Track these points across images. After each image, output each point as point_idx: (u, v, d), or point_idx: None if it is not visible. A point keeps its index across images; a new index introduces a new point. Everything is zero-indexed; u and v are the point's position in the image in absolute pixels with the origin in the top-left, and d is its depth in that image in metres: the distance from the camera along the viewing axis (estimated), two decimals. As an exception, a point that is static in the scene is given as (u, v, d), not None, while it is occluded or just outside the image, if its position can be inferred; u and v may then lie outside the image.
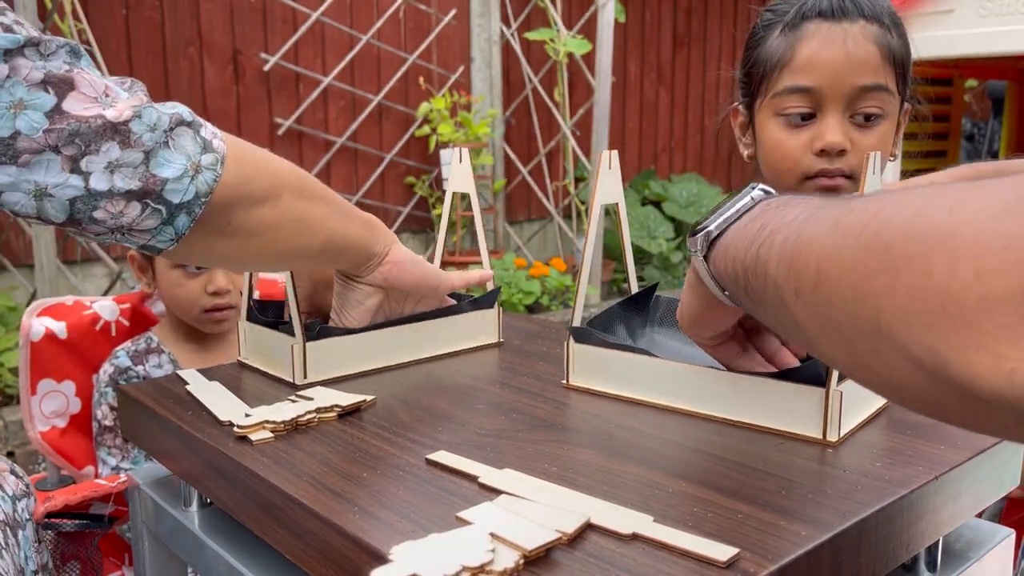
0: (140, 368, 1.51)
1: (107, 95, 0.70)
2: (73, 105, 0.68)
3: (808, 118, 1.10)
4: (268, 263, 0.88)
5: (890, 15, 1.11)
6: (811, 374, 0.75)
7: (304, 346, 0.93)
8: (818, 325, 0.49)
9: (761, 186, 0.66)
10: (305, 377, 0.93)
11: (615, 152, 0.91)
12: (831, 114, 1.08)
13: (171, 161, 0.71)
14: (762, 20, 1.16)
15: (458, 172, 1.13)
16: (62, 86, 0.68)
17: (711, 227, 0.65)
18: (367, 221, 0.94)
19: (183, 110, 0.74)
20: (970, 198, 0.40)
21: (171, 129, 0.72)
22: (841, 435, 0.74)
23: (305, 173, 0.87)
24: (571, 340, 0.90)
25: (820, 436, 0.74)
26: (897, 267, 0.42)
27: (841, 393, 0.73)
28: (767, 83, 1.12)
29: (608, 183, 0.91)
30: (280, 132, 4.17)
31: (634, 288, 0.98)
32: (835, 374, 0.73)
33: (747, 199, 0.65)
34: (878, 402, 0.81)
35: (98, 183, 0.69)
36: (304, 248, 0.86)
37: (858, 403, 0.76)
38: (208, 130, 0.75)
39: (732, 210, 0.65)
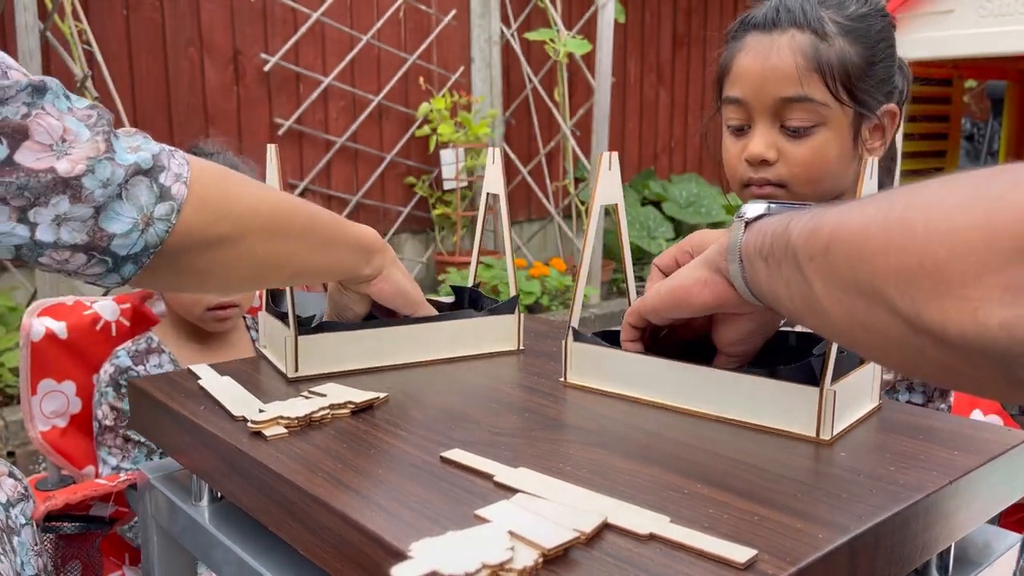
0: (140, 368, 1.51)
1: (64, 140, 0.67)
2: (25, 156, 0.65)
3: (746, 127, 1.14)
4: (226, 292, 0.88)
5: (839, 23, 1.10)
6: (805, 374, 0.75)
7: (296, 339, 0.93)
8: (824, 285, 0.56)
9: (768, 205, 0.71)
10: (296, 370, 0.93)
11: (615, 153, 0.91)
12: (758, 125, 1.12)
13: (121, 215, 0.69)
14: (730, 29, 1.18)
15: (491, 173, 1.09)
16: (15, 136, 0.65)
17: (762, 209, 0.70)
18: (359, 245, 0.92)
19: (142, 157, 0.71)
20: (957, 180, 0.48)
21: (126, 181, 0.69)
22: (834, 434, 0.75)
23: (284, 206, 0.83)
24: (569, 338, 0.91)
25: (814, 435, 0.75)
26: (891, 229, 0.49)
27: (835, 392, 0.74)
28: (718, 92, 1.18)
29: (608, 184, 0.91)
30: (280, 132, 4.17)
31: (632, 289, 0.98)
32: (828, 374, 0.73)
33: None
34: (869, 404, 0.82)
35: (44, 235, 0.67)
36: (265, 281, 0.86)
37: (850, 404, 0.78)
38: (170, 174, 0.72)
39: (788, 204, 0.70)
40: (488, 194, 1.11)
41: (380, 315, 1.02)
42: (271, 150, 0.97)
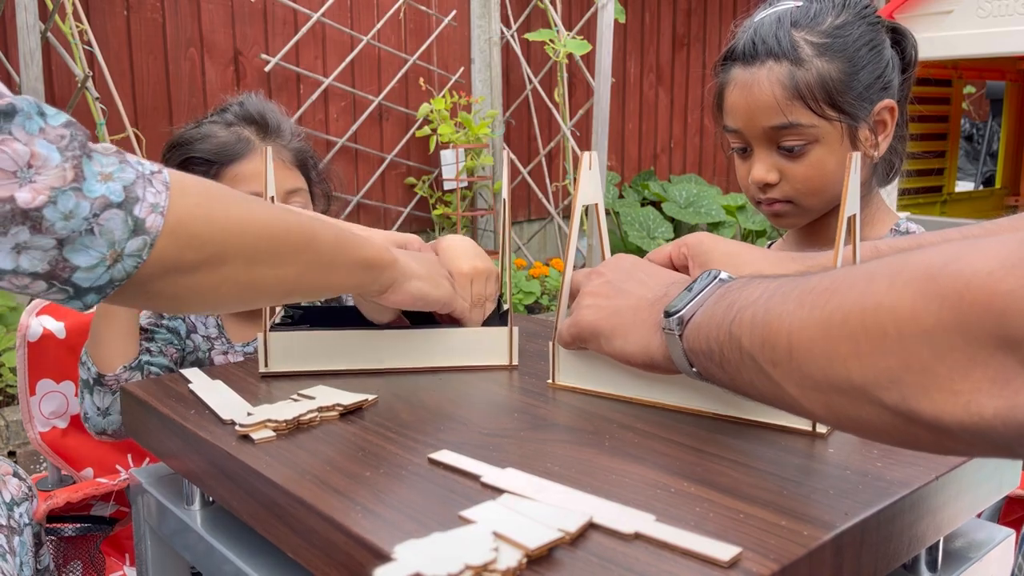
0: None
1: (31, 166, 0.64)
2: None
3: (748, 148, 1.19)
4: (208, 313, 0.84)
5: (814, 43, 1.13)
6: None
7: (267, 335, 0.95)
8: (797, 388, 0.56)
9: (723, 273, 0.71)
10: (267, 366, 0.95)
11: (594, 153, 0.91)
12: (758, 150, 1.18)
13: (89, 248, 0.66)
14: (717, 61, 1.22)
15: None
16: None
17: (683, 310, 0.69)
18: (363, 265, 0.86)
19: (113, 189, 0.66)
20: (905, 269, 0.49)
21: (95, 216, 0.65)
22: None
23: (276, 227, 0.78)
24: (556, 339, 0.90)
25: (809, 428, 0.75)
26: (856, 335, 0.50)
27: None
28: (719, 117, 1.23)
29: (588, 184, 0.91)
30: (280, 132, 4.17)
31: None
32: None
33: (715, 282, 0.70)
34: None
35: (3, 262, 0.64)
36: (251, 304, 0.81)
37: None
38: (145, 205, 0.67)
39: (701, 294, 0.69)
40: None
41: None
42: (268, 152, 0.97)
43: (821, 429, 0.75)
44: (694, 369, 0.69)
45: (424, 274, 0.94)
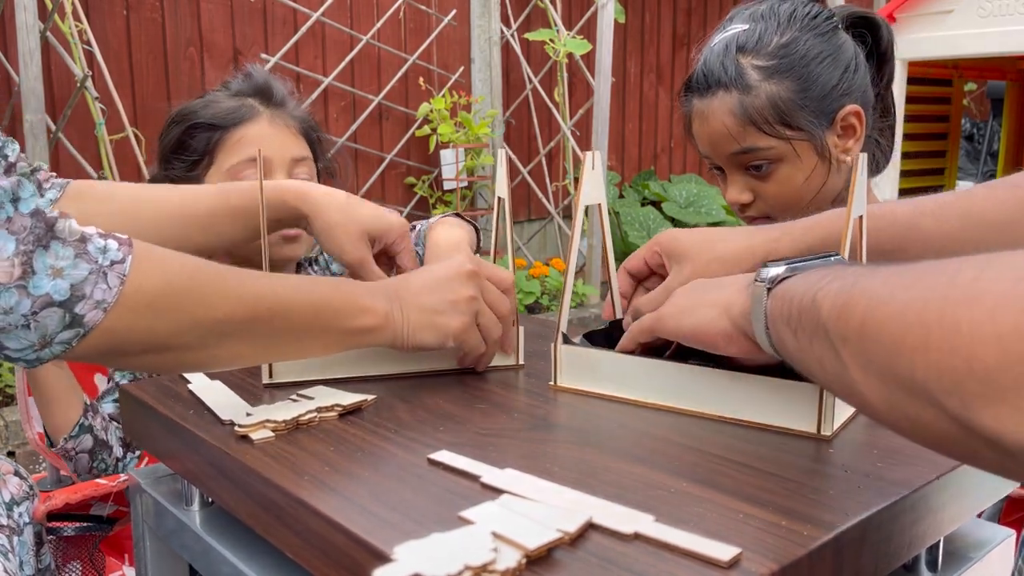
0: None
1: None
2: None
3: (722, 171, 1.23)
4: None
5: (760, 66, 1.13)
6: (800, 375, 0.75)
7: None
8: (862, 371, 0.52)
9: (836, 255, 0.71)
10: (271, 376, 0.92)
11: (599, 152, 0.91)
12: (728, 173, 1.21)
13: (21, 338, 0.67)
14: (680, 90, 1.25)
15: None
16: None
17: (781, 269, 0.67)
18: (347, 332, 0.83)
19: (59, 288, 0.67)
20: (995, 265, 0.45)
21: (34, 313, 0.66)
22: (835, 429, 0.75)
23: (242, 310, 0.76)
24: (559, 341, 0.90)
25: (815, 431, 0.75)
26: (929, 325, 0.46)
27: None
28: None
29: (591, 184, 0.90)
30: (280, 132, 4.17)
31: (616, 291, 0.98)
32: None
33: (823, 259, 0.69)
34: None
35: None
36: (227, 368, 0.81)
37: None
38: (89, 302, 0.68)
39: (805, 263, 0.68)
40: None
41: None
42: (259, 153, 0.96)
43: (825, 431, 0.74)
44: (768, 333, 0.67)
45: (426, 322, 0.87)
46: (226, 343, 0.76)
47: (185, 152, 1.37)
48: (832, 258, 0.71)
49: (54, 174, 1.11)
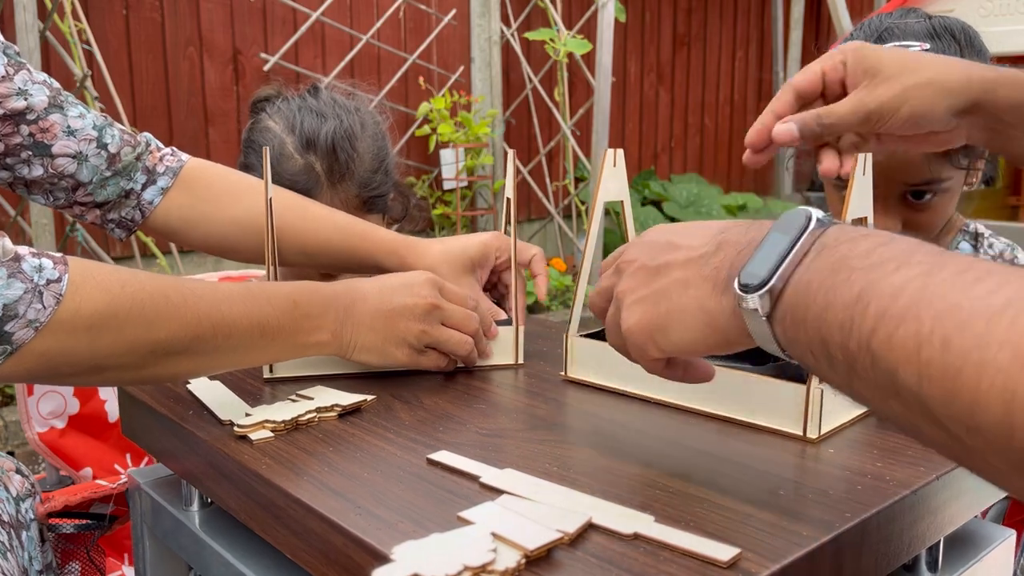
0: None
1: None
2: None
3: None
4: None
5: None
6: (793, 371, 0.75)
7: None
8: (1004, 462, 0.40)
9: (817, 212, 0.53)
10: (271, 371, 0.94)
11: (620, 150, 0.90)
12: (883, 201, 1.09)
13: None
14: None
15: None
16: None
17: (772, 280, 0.51)
18: (295, 347, 0.84)
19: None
20: None
21: None
22: (822, 432, 0.74)
23: (181, 332, 0.75)
24: (571, 333, 0.91)
25: (800, 432, 0.75)
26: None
27: (822, 391, 0.73)
28: None
29: (612, 181, 0.90)
30: (280, 132, 4.16)
31: None
32: None
33: (811, 227, 0.51)
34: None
35: None
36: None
37: (845, 403, 0.77)
38: (21, 321, 0.67)
39: (792, 252, 0.51)
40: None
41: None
42: (265, 152, 0.97)
43: (811, 434, 0.74)
44: (786, 353, 0.53)
45: (373, 345, 0.88)
46: (166, 361, 0.76)
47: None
48: (814, 218, 0.52)
49: (170, 150, 1.11)
